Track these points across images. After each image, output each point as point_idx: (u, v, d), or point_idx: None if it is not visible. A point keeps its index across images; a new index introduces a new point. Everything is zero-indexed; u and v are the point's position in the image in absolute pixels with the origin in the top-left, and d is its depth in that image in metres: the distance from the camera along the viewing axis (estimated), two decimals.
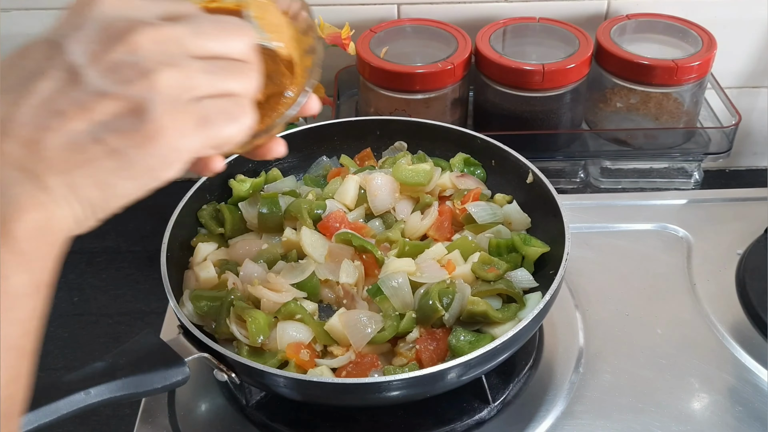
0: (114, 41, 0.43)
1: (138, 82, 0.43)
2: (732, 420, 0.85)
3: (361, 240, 0.87)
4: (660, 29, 1.21)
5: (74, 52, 0.43)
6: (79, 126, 0.42)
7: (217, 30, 0.46)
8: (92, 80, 0.43)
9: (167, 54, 0.44)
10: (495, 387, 0.87)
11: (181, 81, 0.44)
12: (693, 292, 1.01)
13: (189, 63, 0.45)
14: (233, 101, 0.47)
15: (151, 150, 0.43)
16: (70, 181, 0.42)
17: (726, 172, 1.37)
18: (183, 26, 0.45)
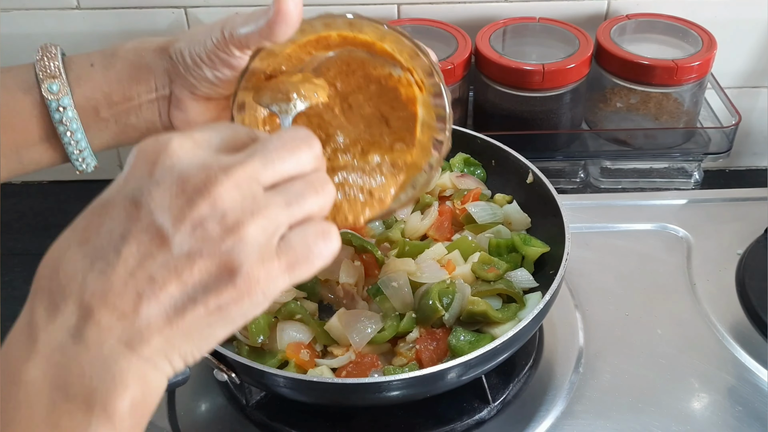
0: (195, 196, 0.42)
1: (226, 238, 0.42)
2: (732, 420, 0.85)
3: (361, 240, 0.87)
4: (660, 29, 1.21)
5: (157, 211, 0.42)
6: (173, 290, 0.41)
7: (284, 152, 0.46)
8: (180, 242, 0.41)
9: (247, 199, 0.43)
10: (495, 387, 0.87)
11: (266, 227, 0.43)
12: (693, 292, 1.01)
13: (268, 202, 0.44)
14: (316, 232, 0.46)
15: (245, 300, 0.43)
16: (171, 346, 0.42)
17: (726, 172, 1.37)
18: (253, 159, 0.44)
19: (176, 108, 0.69)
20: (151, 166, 0.43)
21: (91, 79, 0.68)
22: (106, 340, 0.41)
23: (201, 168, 0.43)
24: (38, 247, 0.44)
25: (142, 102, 0.69)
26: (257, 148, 0.45)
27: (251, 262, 0.42)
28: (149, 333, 0.41)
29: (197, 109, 0.69)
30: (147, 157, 0.44)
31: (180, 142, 0.44)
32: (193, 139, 0.45)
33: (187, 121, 0.70)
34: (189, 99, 0.68)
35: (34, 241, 1.22)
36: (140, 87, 0.68)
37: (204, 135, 0.46)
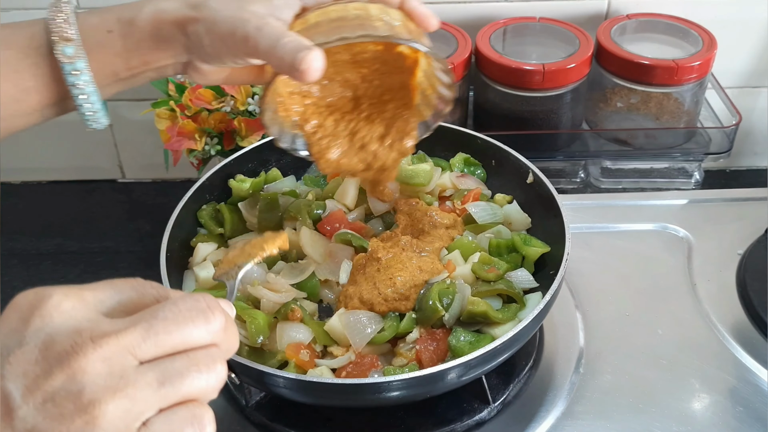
0: (54, 366, 0.38)
1: (77, 418, 0.38)
2: (732, 420, 0.85)
3: (361, 240, 0.87)
4: (660, 29, 1.21)
5: (10, 376, 0.39)
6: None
7: (172, 324, 0.41)
8: (25, 415, 0.38)
9: (113, 375, 0.39)
10: (495, 387, 0.87)
11: (128, 408, 0.39)
12: (693, 292, 1.01)
13: (137, 379, 0.40)
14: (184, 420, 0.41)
15: None
16: None
17: (726, 172, 1.37)
18: (134, 329, 0.40)
19: (193, 71, 0.72)
20: (22, 323, 0.40)
21: (111, 46, 0.68)
22: None
23: (70, 334, 0.39)
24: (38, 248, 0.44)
25: (161, 66, 0.71)
26: (144, 316, 0.41)
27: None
28: None
29: (212, 70, 0.72)
30: (21, 312, 0.41)
31: (59, 300, 0.41)
32: (78, 297, 0.42)
33: (203, 77, 0.73)
34: (206, 67, 0.71)
35: (34, 241, 1.22)
36: (159, 54, 0.69)
37: (94, 293, 0.43)
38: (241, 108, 1.07)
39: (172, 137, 1.07)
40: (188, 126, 1.07)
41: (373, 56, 0.77)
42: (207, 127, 1.07)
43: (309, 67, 0.59)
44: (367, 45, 0.75)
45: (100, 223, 1.26)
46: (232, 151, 1.02)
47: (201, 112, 1.08)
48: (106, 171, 1.37)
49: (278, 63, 0.61)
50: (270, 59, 0.62)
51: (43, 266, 1.17)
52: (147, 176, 1.38)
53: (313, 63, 0.60)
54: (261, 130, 1.07)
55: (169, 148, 1.08)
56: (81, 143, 1.33)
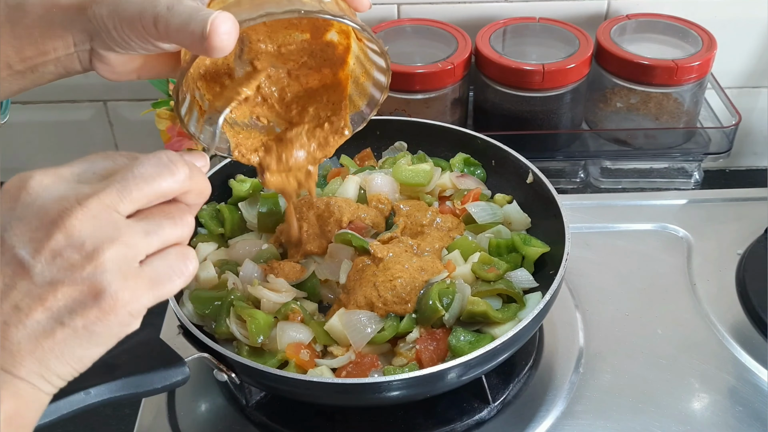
0: (52, 228, 0.44)
1: (85, 265, 0.45)
2: (732, 420, 0.85)
3: (361, 240, 0.87)
4: (660, 29, 1.21)
5: (18, 245, 0.44)
6: (39, 316, 0.44)
7: (141, 181, 0.47)
8: (41, 271, 0.44)
9: (105, 227, 0.45)
10: (495, 387, 0.87)
11: (125, 252, 0.46)
12: (693, 292, 1.01)
13: (128, 230, 0.46)
14: (177, 254, 0.49)
15: (112, 320, 0.46)
16: (42, 365, 0.45)
17: (726, 172, 1.37)
18: (110, 189, 0.46)
19: (98, 60, 0.66)
20: (13, 203, 0.46)
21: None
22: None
23: (57, 200, 0.45)
24: None
25: (60, 56, 0.66)
26: (116, 178, 0.47)
27: (114, 284, 0.45)
28: (21, 356, 0.44)
29: (121, 60, 0.67)
30: (10, 195, 0.46)
31: (40, 178, 0.46)
32: (56, 174, 0.47)
33: (111, 71, 0.68)
34: (112, 55, 0.66)
35: None
36: (56, 42, 0.65)
37: (70, 168, 0.48)
38: None
39: (173, 137, 1.07)
40: None
41: (300, 48, 0.72)
42: None
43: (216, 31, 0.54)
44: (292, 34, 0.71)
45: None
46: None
47: None
48: None
49: (190, 40, 0.56)
50: (182, 39, 0.57)
51: None
52: None
53: (220, 26, 0.54)
54: None
55: (170, 149, 1.08)
56: (81, 143, 1.33)
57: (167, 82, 1.12)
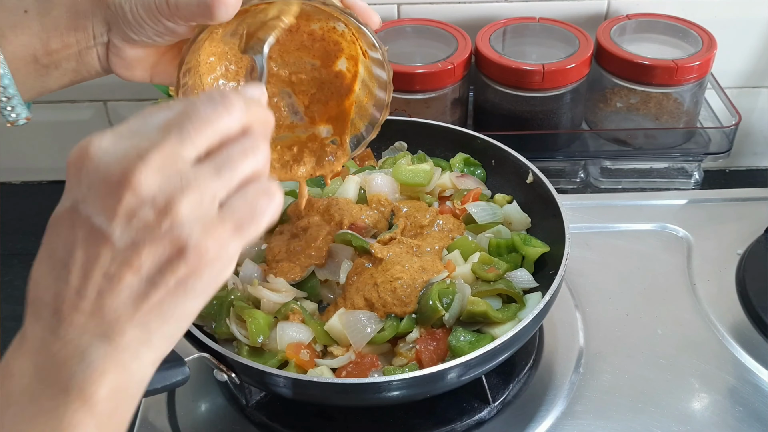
0: (119, 190, 0.43)
1: (163, 220, 0.43)
2: (732, 420, 0.85)
3: (361, 240, 0.87)
4: (660, 29, 1.21)
5: (93, 215, 0.44)
6: (130, 280, 0.44)
7: (199, 123, 0.46)
8: (120, 235, 0.43)
9: (172, 178, 0.44)
10: (495, 387, 0.87)
11: (199, 199, 0.44)
12: (693, 292, 1.01)
13: (196, 175, 0.45)
14: (256, 190, 0.47)
15: (204, 272, 0.45)
16: (145, 329, 0.45)
17: (726, 172, 1.37)
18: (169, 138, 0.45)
19: (114, 55, 0.69)
20: (78, 173, 0.45)
21: (27, 26, 0.66)
22: (82, 335, 0.44)
23: (119, 160, 0.44)
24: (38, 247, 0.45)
25: (81, 49, 0.68)
26: (172, 126, 0.45)
27: (196, 234, 0.44)
28: (121, 323, 0.44)
29: (136, 55, 0.69)
30: (74, 166, 0.45)
31: (98, 142, 0.45)
32: (114, 133, 0.46)
33: (127, 66, 0.70)
34: (127, 47, 0.68)
35: (34, 241, 1.21)
36: (78, 35, 0.67)
37: (127, 125, 0.47)
38: None
39: None
40: None
41: (310, 78, 0.75)
42: None
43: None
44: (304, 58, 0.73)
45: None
46: None
47: None
48: None
49: (196, 6, 0.60)
50: (189, 12, 0.61)
51: None
52: None
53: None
54: None
55: None
56: None
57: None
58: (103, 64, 0.70)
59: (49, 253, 0.46)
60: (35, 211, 1.30)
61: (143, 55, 0.70)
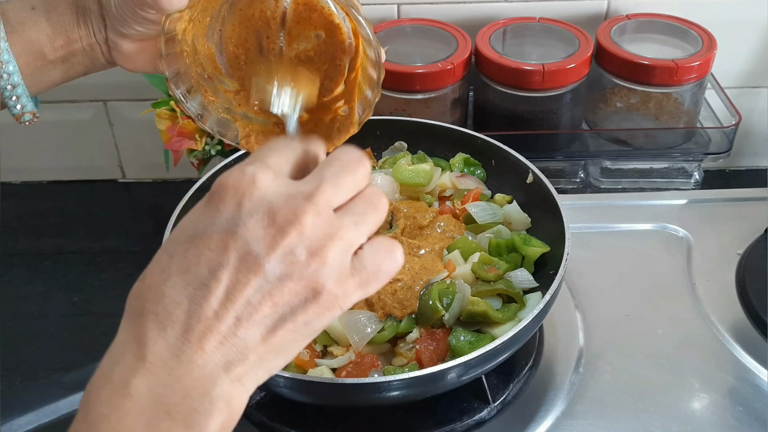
0: (286, 226, 0.45)
1: (312, 262, 0.45)
2: (732, 420, 0.85)
3: None
4: (660, 29, 1.21)
5: (252, 241, 0.45)
6: (267, 312, 0.45)
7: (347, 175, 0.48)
8: (273, 268, 0.44)
9: (327, 225, 0.46)
10: (495, 387, 0.87)
11: (343, 248, 0.46)
12: (693, 292, 1.01)
13: (341, 224, 0.47)
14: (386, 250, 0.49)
15: (327, 315, 0.47)
16: (263, 362, 0.46)
17: (726, 172, 1.37)
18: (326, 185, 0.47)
19: (113, 50, 0.70)
20: (240, 198, 0.46)
21: (35, 22, 0.67)
22: (208, 363, 0.44)
23: (287, 199, 0.46)
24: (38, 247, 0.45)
25: (85, 45, 0.69)
26: (326, 174, 0.47)
27: (332, 282, 0.46)
28: (246, 353, 0.45)
29: (134, 49, 0.69)
30: (234, 191, 0.46)
31: (263, 174, 0.46)
32: (271, 169, 0.47)
33: (128, 59, 0.70)
34: (123, 42, 0.68)
35: (34, 241, 1.22)
36: (81, 31, 0.68)
37: (277, 161, 0.48)
38: None
39: (173, 137, 1.07)
40: (189, 126, 1.07)
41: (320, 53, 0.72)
42: None
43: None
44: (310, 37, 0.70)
45: (100, 223, 1.26)
46: (232, 151, 1.02)
47: None
48: (106, 171, 1.37)
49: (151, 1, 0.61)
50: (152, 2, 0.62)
51: (43, 266, 1.17)
52: (147, 176, 1.38)
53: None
54: None
55: (170, 149, 1.08)
56: (81, 143, 1.33)
57: (167, 81, 1.11)
58: (107, 57, 0.71)
59: (184, 268, 0.45)
60: (35, 211, 1.31)
61: (140, 48, 0.70)
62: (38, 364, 1.00)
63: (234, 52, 0.69)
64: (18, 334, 1.03)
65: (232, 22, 0.69)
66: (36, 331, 1.04)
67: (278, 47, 0.70)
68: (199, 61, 0.70)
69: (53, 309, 1.08)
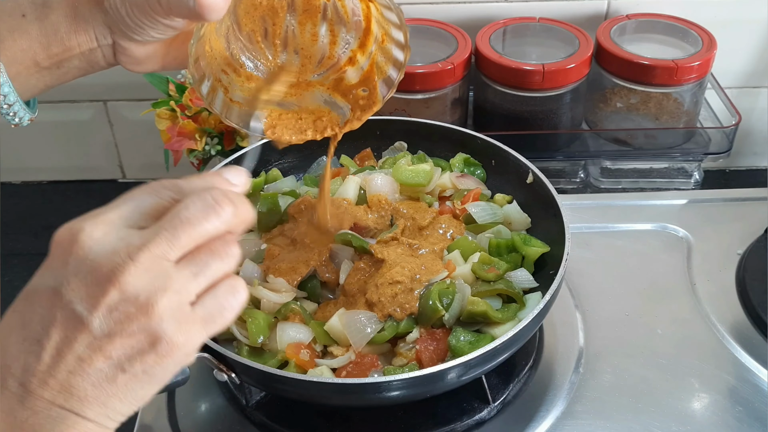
0: (106, 284, 0.45)
1: (140, 317, 0.46)
2: (732, 420, 0.85)
3: (361, 240, 0.87)
4: (660, 29, 1.22)
5: (75, 300, 0.46)
6: (101, 365, 0.46)
7: (189, 227, 0.48)
8: (97, 325, 0.45)
9: (157, 278, 0.46)
10: (495, 387, 0.87)
11: (178, 298, 0.47)
12: (693, 292, 1.01)
13: (178, 276, 0.47)
14: (225, 289, 0.50)
15: (169, 362, 0.47)
16: (107, 407, 0.47)
17: (726, 172, 1.37)
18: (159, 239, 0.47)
19: (122, 54, 0.69)
20: (66, 256, 0.47)
21: (26, 30, 0.66)
22: (50, 407, 0.46)
23: (109, 255, 0.46)
24: (38, 247, 0.46)
25: (84, 51, 0.68)
26: (164, 225, 0.47)
27: (169, 331, 0.47)
28: (87, 401, 0.46)
29: (144, 52, 0.69)
30: (62, 248, 0.47)
31: (90, 230, 0.47)
32: (105, 222, 0.47)
33: (136, 63, 0.70)
34: (133, 47, 0.68)
35: (34, 241, 1.22)
36: (80, 38, 0.68)
37: (118, 212, 0.49)
38: None
39: (173, 137, 1.07)
40: (188, 126, 1.07)
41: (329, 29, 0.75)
42: (207, 127, 1.08)
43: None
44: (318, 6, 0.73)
45: None
46: (232, 151, 1.03)
47: (201, 112, 1.08)
48: (106, 171, 1.37)
49: (186, 8, 0.60)
50: (181, 11, 0.61)
51: None
52: (147, 176, 1.38)
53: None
54: None
55: (170, 148, 1.08)
56: (81, 143, 1.34)
57: (167, 81, 1.12)
58: (109, 60, 0.71)
59: (22, 323, 0.47)
60: (35, 211, 1.31)
61: (151, 51, 0.70)
62: None
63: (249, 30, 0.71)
64: None
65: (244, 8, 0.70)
66: None
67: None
68: (215, 56, 0.71)
69: None
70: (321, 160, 1.06)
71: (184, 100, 1.07)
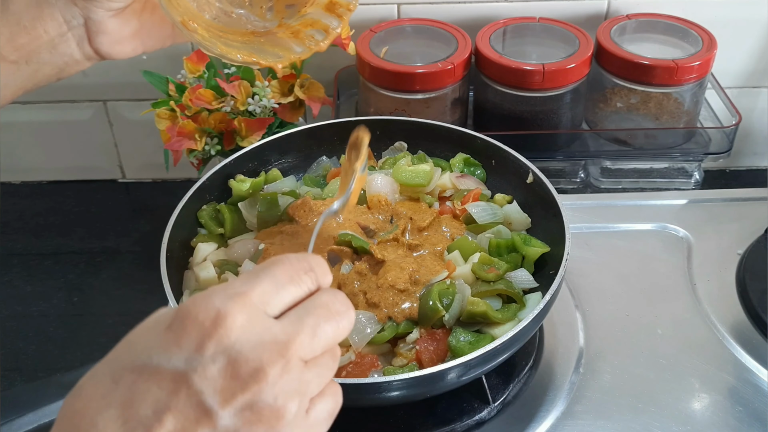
0: (249, 381, 0.42)
1: (271, 421, 0.43)
2: (732, 420, 0.85)
3: (361, 241, 0.87)
4: (660, 29, 1.21)
5: (206, 391, 0.42)
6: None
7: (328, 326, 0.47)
8: (226, 422, 0.42)
9: (294, 380, 0.44)
10: (495, 387, 0.87)
11: (302, 403, 0.45)
12: (693, 292, 1.01)
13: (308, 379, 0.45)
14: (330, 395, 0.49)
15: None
16: None
17: (726, 172, 1.37)
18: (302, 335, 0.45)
19: (97, 33, 0.66)
20: (204, 338, 0.43)
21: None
22: None
23: (255, 349, 0.43)
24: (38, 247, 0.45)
25: (53, 37, 0.65)
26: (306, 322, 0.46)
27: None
28: None
29: (118, 26, 0.67)
30: (202, 329, 0.43)
31: (236, 315, 0.43)
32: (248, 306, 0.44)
33: (114, 42, 0.67)
34: (108, 18, 0.65)
35: (34, 241, 1.22)
36: (46, 25, 0.65)
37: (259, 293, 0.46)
38: (241, 108, 1.07)
39: (172, 137, 1.07)
40: (188, 126, 1.07)
41: None
42: (207, 127, 1.07)
43: None
44: None
45: (100, 223, 1.26)
46: (232, 151, 1.02)
47: (201, 112, 1.08)
48: (106, 171, 1.37)
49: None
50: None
51: (43, 266, 1.17)
52: (147, 176, 1.38)
53: None
54: (261, 130, 1.07)
55: (169, 148, 1.08)
56: (81, 143, 1.33)
57: (167, 81, 1.11)
58: (84, 49, 0.67)
59: (126, 401, 0.42)
60: (35, 211, 1.31)
61: (124, 23, 0.67)
62: (38, 363, 1.00)
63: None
64: (18, 334, 1.03)
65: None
66: (36, 330, 1.04)
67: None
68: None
69: (53, 309, 1.09)
70: (321, 160, 1.06)
71: (184, 100, 1.07)
